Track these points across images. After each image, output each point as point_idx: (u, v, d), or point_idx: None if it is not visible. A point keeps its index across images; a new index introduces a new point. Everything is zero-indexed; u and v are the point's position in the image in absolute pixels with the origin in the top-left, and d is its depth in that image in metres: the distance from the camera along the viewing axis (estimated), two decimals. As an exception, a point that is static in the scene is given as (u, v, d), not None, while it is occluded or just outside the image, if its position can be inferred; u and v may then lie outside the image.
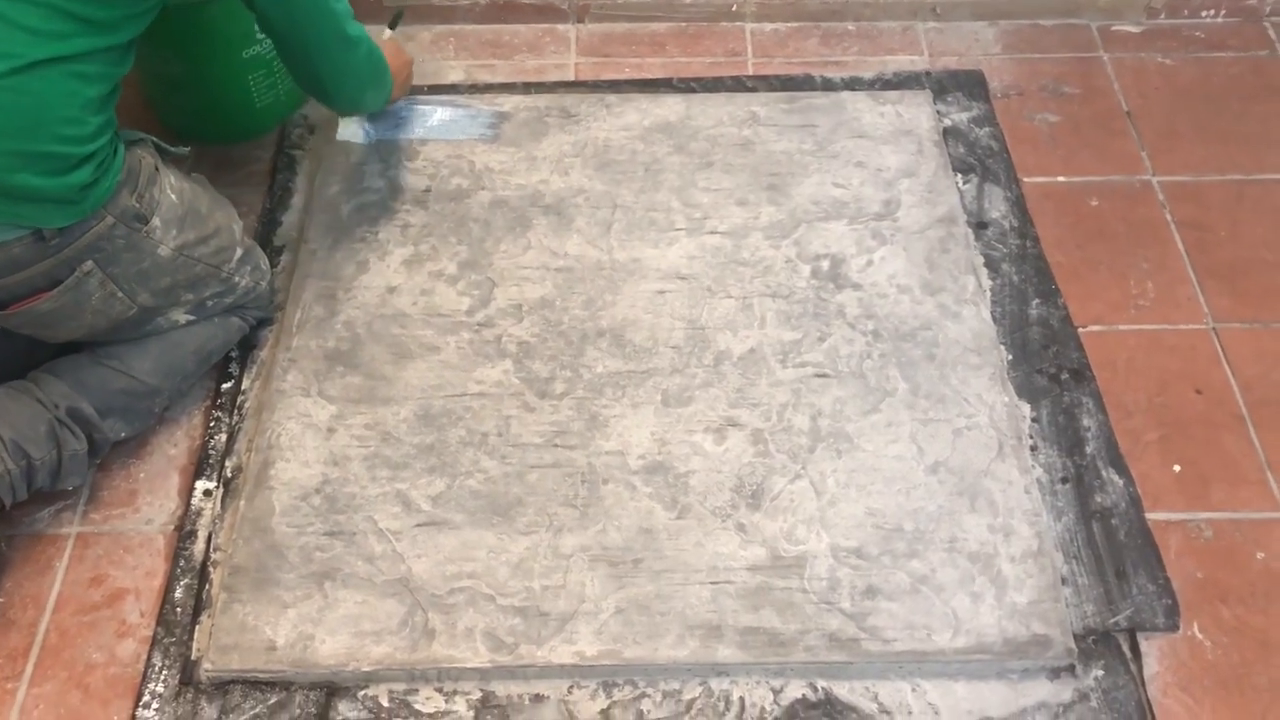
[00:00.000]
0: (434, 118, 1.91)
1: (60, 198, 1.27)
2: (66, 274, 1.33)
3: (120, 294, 1.39)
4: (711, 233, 1.75)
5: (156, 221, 1.39)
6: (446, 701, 1.33)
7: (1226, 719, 1.32)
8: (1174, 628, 1.38)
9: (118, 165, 1.34)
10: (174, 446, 1.56)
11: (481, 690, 1.34)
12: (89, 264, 1.34)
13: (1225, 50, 2.09)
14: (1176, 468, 1.53)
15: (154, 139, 1.45)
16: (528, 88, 2.01)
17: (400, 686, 1.34)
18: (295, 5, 1.42)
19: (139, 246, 1.38)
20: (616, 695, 1.34)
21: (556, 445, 1.51)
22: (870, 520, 1.44)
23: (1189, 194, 1.85)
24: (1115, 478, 1.51)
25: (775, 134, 1.89)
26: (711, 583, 1.39)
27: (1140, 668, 1.35)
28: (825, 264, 1.70)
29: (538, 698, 1.34)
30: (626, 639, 1.35)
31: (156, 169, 1.41)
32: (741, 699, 1.34)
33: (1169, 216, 1.82)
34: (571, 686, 1.34)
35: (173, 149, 1.48)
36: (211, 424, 1.58)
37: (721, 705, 1.33)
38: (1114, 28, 2.13)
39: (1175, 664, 1.36)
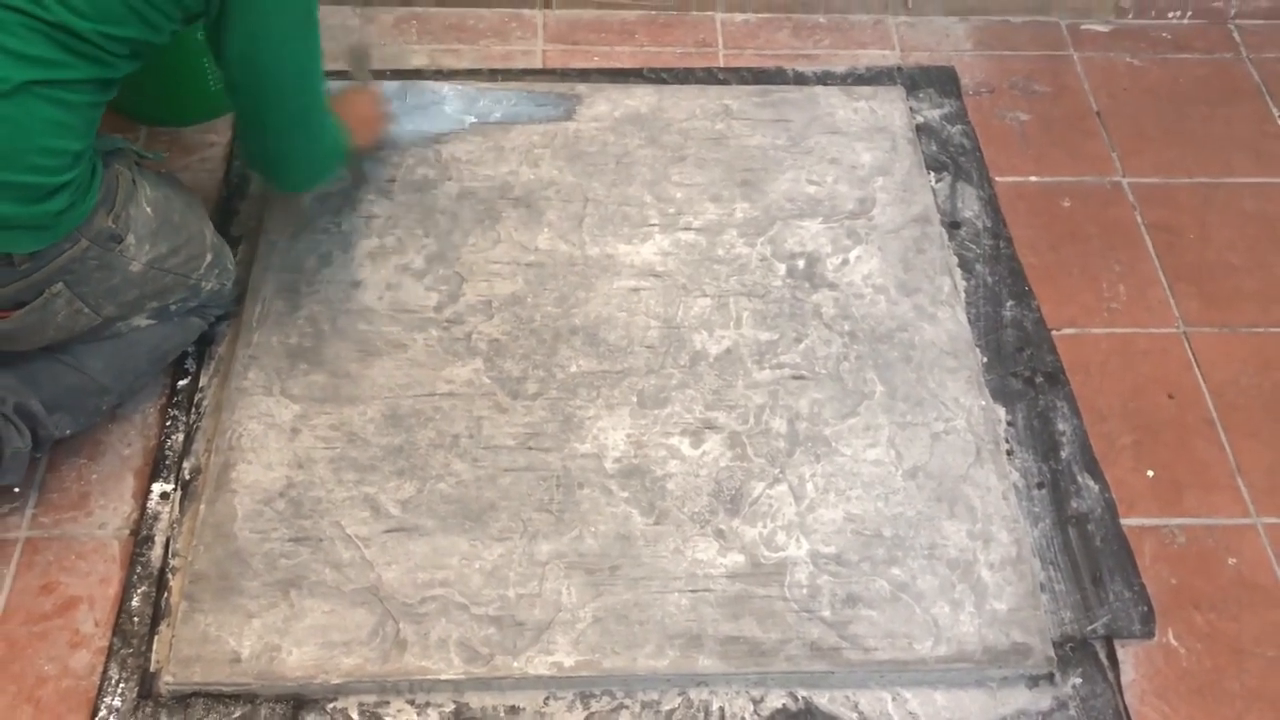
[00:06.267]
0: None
1: (33, 224, 1.20)
2: (33, 296, 1.26)
3: (86, 310, 1.32)
4: (686, 229, 1.71)
5: (131, 239, 1.32)
6: (419, 714, 1.29)
7: (1202, 726, 1.33)
8: (1150, 635, 1.39)
9: (95, 187, 1.26)
10: (128, 446, 1.49)
11: (455, 702, 1.30)
12: (58, 285, 1.27)
13: (1191, 52, 2.10)
14: (1150, 473, 1.53)
15: (133, 147, 1.38)
16: (494, 74, 1.95)
17: (370, 699, 1.30)
18: (268, 77, 1.32)
19: (111, 265, 1.31)
20: (594, 706, 1.31)
21: (530, 448, 1.47)
22: (850, 526, 1.42)
23: (1159, 196, 1.86)
24: (1090, 483, 1.51)
25: (749, 128, 1.86)
26: (690, 591, 1.36)
27: (1118, 675, 1.36)
28: (801, 263, 1.68)
29: (513, 710, 1.30)
30: (604, 649, 1.32)
31: (134, 182, 1.34)
32: (721, 709, 1.31)
33: (1139, 218, 1.82)
34: (548, 698, 1.31)
35: (150, 154, 1.41)
36: (168, 423, 1.51)
37: (701, 716, 1.31)
38: (1083, 26, 2.13)
39: (1151, 671, 1.37)
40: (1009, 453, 1.53)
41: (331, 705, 1.29)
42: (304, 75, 1.36)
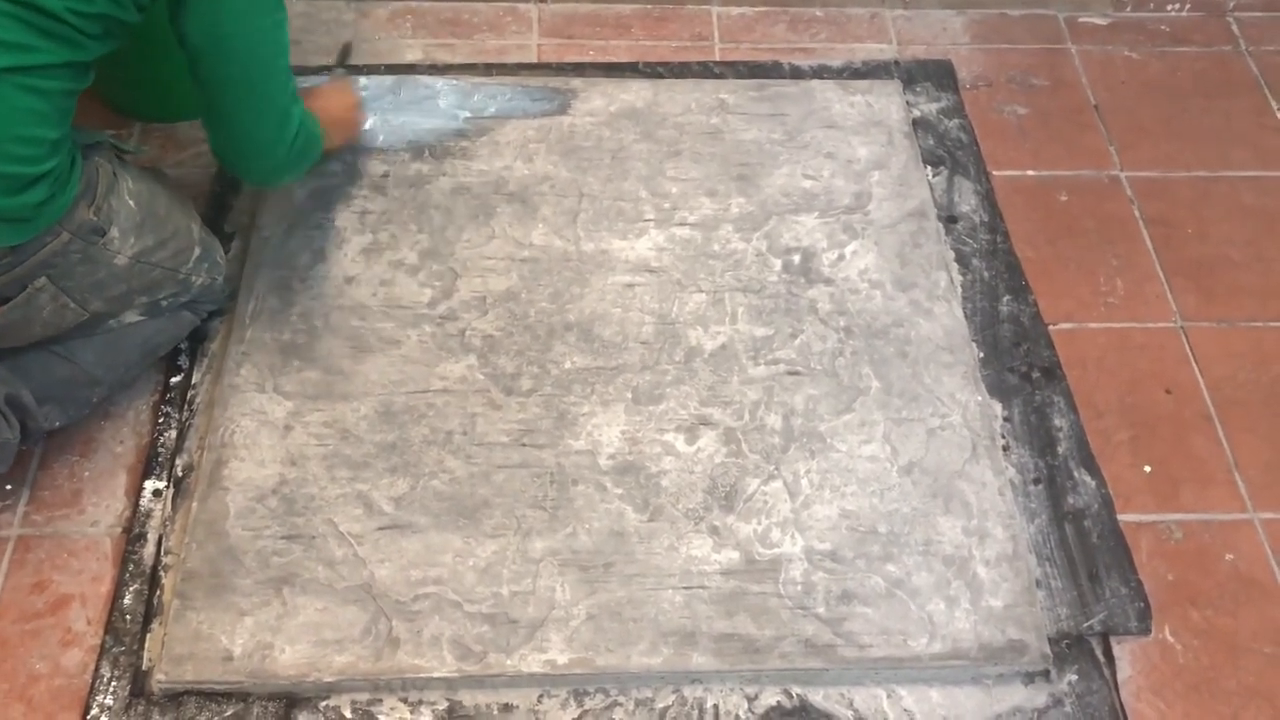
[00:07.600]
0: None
1: (12, 217, 1.19)
2: (17, 291, 1.26)
3: (72, 305, 1.32)
4: (681, 224, 1.70)
5: (114, 232, 1.31)
6: (412, 712, 1.29)
7: (1198, 723, 1.33)
8: (1146, 631, 1.38)
9: (75, 178, 1.25)
10: (120, 444, 1.49)
11: (448, 700, 1.30)
12: (42, 280, 1.26)
13: (1190, 45, 2.09)
14: (1147, 468, 1.53)
15: (111, 139, 1.37)
16: (489, 69, 1.94)
17: (363, 697, 1.29)
18: (232, 59, 1.28)
19: (95, 258, 1.30)
20: (588, 704, 1.30)
21: (524, 444, 1.46)
22: (845, 522, 1.42)
23: (1156, 190, 1.85)
24: (1087, 479, 1.50)
25: (744, 122, 1.85)
26: (685, 588, 1.36)
27: (1114, 672, 1.35)
28: (796, 258, 1.67)
29: (507, 708, 1.30)
30: (598, 646, 1.31)
31: (115, 175, 1.33)
32: (715, 707, 1.31)
33: (1137, 213, 1.82)
34: (541, 696, 1.31)
35: (130, 148, 1.40)
36: (160, 420, 1.50)
37: (695, 713, 1.30)
38: (1081, 19, 2.11)
39: (1147, 667, 1.36)
40: (1005, 448, 1.52)
41: (324, 703, 1.29)
42: (270, 57, 1.32)
